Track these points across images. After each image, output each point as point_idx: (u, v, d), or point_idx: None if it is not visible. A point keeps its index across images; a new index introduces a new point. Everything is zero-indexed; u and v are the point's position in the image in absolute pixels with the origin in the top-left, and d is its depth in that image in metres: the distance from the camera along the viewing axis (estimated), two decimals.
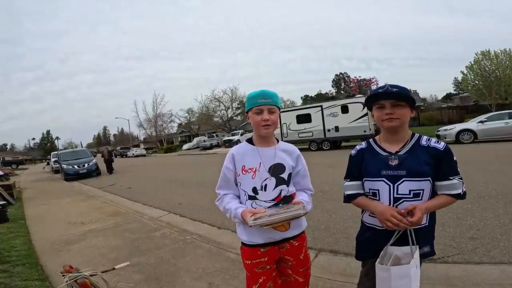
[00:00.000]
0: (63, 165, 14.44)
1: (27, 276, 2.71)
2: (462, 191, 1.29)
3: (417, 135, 1.37)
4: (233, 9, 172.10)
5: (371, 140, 1.47)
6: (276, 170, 1.42)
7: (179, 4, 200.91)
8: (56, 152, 21.56)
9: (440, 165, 1.30)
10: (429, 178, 1.29)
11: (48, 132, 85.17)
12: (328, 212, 4.19)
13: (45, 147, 77.38)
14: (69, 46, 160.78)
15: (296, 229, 1.45)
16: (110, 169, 15.39)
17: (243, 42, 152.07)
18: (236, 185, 1.45)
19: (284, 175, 1.43)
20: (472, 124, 11.91)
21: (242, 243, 1.46)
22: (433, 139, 1.35)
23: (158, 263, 3.02)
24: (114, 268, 1.56)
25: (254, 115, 1.40)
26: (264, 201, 1.40)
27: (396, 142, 1.36)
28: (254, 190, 1.40)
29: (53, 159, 20.29)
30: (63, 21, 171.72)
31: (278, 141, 1.51)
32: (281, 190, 1.42)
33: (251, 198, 1.40)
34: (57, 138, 64.40)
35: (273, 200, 1.40)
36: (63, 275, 1.37)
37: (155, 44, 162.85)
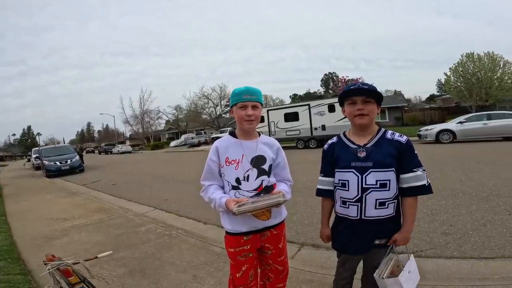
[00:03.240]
0: (44, 162, 14.03)
1: (9, 271, 2.69)
2: (427, 182, 1.39)
3: (383, 129, 1.48)
4: (226, 7, 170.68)
5: (341, 134, 1.57)
6: (258, 161, 1.49)
7: (172, 0, 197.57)
8: (38, 148, 20.89)
9: (403, 158, 1.39)
10: (393, 169, 1.39)
11: (29, 127, 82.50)
12: (312, 208, 4.29)
13: (26, 143, 74.88)
14: (55, 41, 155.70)
15: (276, 218, 1.53)
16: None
17: (235, 40, 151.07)
18: (220, 176, 1.52)
19: (265, 166, 1.51)
20: (451, 124, 12.32)
21: (226, 232, 1.53)
22: (397, 134, 1.46)
23: (142, 257, 3.04)
24: (96, 257, 1.58)
25: (238, 110, 1.46)
26: (247, 190, 1.47)
27: (365, 136, 1.46)
28: (237, 180, 1.47)
29: (34, 155, 19.67)
30: (51, 16, 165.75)
31: (259, 134, 1.59)
32: (263, 181, 1.50)
33: (234, 188, 1.47)
34: (39, 134, 62.36)
35: (255, 190, 1.48)
36: (45, 264, 1.38)
37: (145, 40, 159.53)
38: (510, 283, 2.02)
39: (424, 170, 1.40)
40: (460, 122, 11.94)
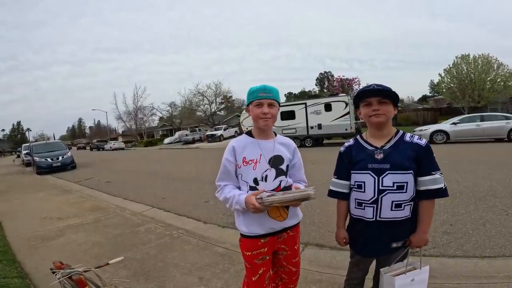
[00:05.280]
0: (35, 158, 13.70)
1: (6, 274, 2.59)
2: (444, 185, 1.39)
3: (401, 132, 1.47)
4: (221, 4, 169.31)
5: (358, 137, 1.56)
6: (276, 161, 1.46)
7: None
8: (28, 144, 20.42)
9: (422, 161, 1.38)
10: (412, 172, 1.37)
11: (18, 123, 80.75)
12: (313, 207, 4.28)
13: (15, 139, 73.37)
14: (47, 37, 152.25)
15: (294, 219, 1.51)
16: None
17: (230, 38, 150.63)
18: (237, 177, 1.48)
19: (283, 167, 1.48)
20: (445, 125, 12.52)
21: (242, 234, 1.49)
22: (416, 136, 1.45)
23: (144, 258, 2.98)
24: (108, 263, 1.52)
25: (254, 108, 1.44)
26: (265, 191, 1.43)
27: (382, 137, 1.45)
28: (255, 181, 1.43)
29: (24, 152, 19.21)
30: (43, 12, 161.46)
31: (276, 134, 1.56)
32: (281, 181, 1.47)
33: (252, 189, 1.44)
34: (28, 129, 60.77)
35: (273, 190, 1.44)
36: (54, 272, 1.31)
37: (139, 36, 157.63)
38: None
39: (441, 173, 1.40)
40: (454, 123, 12.13)
